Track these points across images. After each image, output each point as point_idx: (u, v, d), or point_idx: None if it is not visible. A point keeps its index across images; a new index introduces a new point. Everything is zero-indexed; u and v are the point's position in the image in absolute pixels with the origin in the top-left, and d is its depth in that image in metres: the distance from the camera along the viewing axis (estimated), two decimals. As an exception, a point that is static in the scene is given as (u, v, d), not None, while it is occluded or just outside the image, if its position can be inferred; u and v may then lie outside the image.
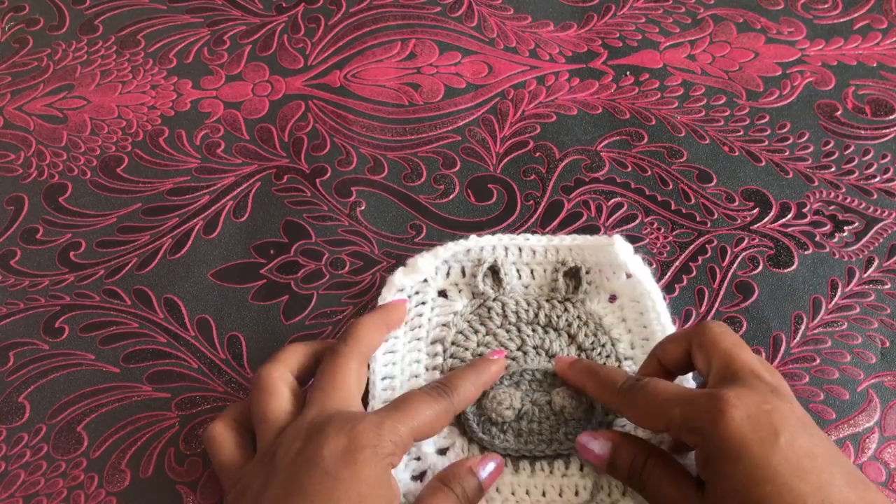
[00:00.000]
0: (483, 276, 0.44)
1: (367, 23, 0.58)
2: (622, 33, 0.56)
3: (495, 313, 0.43)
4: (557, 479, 0.39)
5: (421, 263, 0.43)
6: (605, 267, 0.44)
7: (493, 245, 0.44)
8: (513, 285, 0.44)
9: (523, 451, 0.39)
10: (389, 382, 0.41)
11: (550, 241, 0.44)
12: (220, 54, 0.56)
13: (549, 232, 0.48)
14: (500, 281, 0.44)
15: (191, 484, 0.41)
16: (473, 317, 0.43)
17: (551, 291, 0.44)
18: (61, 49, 0.57)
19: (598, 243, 0.44)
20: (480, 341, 0.42)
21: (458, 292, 0.44)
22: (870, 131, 0.51)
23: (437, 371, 0.42)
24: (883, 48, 0.55)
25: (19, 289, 0.47)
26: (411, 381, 0.41)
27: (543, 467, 0.39)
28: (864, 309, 0.45)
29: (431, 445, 0.39)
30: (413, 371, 0.42)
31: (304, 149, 0.52)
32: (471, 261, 0.44)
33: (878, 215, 0.48)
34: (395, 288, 0.43)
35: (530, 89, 0.54)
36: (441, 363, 0.42)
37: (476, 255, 0.44)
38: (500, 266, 0.44)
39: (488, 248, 0.44)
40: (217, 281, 0.47)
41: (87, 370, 0.44)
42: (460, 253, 0.44)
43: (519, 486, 0.39)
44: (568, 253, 0.44)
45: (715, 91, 0.53)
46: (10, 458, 0.42)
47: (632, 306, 0.43)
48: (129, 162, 0.52)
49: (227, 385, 0.43)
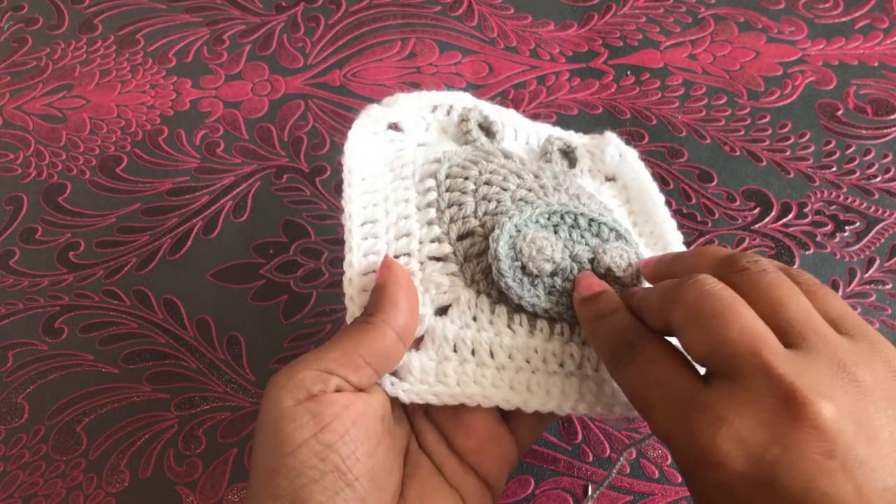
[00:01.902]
0: (476, 125, 0.37)
1: (367, 22, 0.58)
2: (623, 33, 0.56)
3: (499, 153, 0.36)
4: (576, 346, 0.32)
5: (403, 100, 0.37)
6: (598, 162, 0.40)
7: (483, 106, 0.38)
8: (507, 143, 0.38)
9: (552, 312, 0.32)
10: (371, 228, 0.33)
11: (534, 125, 0.40)
12: (219, 54, 0.56)
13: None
14: (492, 136, 0.38)
15: (190, 484, 0.41)
16: (472, 153, 0.36)
17: (545, 164, 0.38)
18: (60, 48, 0.57)
19: (591, 140, 0.41)
20: (484, 170, 0.34)
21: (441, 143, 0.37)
22: (871, 131, 0.51)
23: (431, 209, 0.33)
24: (884, 48, 0.55)
25: (18, 289, 0.47)
26: (400, 224, 0.33)
27: (563, 331, 0.32)
28: (865, 309, 0.45)
29: (428, 306, 0.32)
30: (402, 211, 0.33)
31: (304, 148, 0.52)
32: (455, 118, 0.38)
33: (880, 215, 0.48)
34: (369, 125, 0.36)
35: (531, 89, 0.54)
36: (436, 198, 0.34)
37: (463, 113, 0.38)
38: (491, 123, 0.38)
39: (478, 107, 0.38)
40: (216, 281, 0.47)
41: (87, 371, 0.44)
42: (443, 107, 0.38)
43: (535, 351, 0.32)
44: (559, 133, 0.40)
45: (716, 91, 0.53)
46: (9, 459, 0.42)
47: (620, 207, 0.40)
48: (128, 162, 0.52)
49: (226, 385, 0.43)
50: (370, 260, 0.32)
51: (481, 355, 0.31)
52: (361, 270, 0.32)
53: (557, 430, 0.42)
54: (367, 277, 0.32)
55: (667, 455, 0.41)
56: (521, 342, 0.32)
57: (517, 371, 0.31)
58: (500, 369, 0.31)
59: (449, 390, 0.30)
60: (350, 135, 0.35)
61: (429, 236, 0.33)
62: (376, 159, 0.35)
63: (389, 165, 0.35)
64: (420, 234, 0.33)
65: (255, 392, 0.43)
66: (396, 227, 0.33)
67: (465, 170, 0.34)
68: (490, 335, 0.32)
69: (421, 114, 0.38)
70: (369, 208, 0.33)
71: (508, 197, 0.33)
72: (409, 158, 0.35)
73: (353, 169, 0.34)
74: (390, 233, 0.33)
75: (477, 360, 0.31)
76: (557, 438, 0.42)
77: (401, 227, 0.33)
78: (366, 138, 0.35)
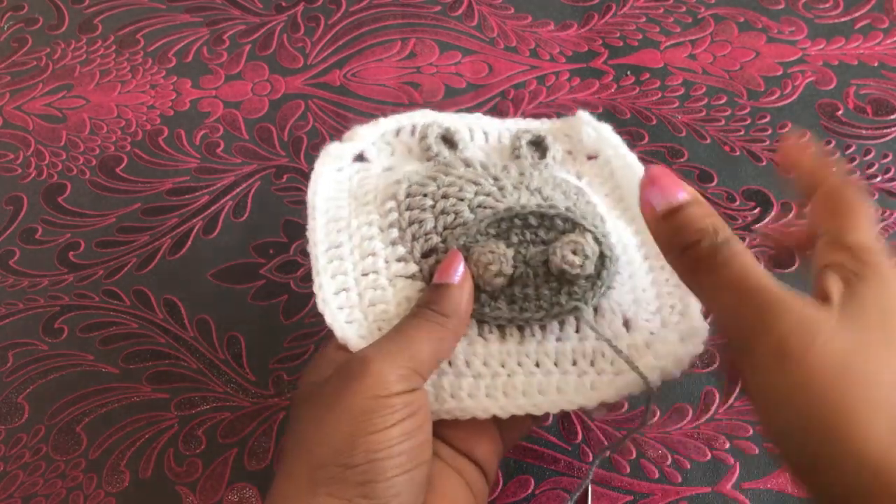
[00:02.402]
0: (435, 139, 0.37)
1: (367, 22, 0.58)
2: (623, 33, 0.56)
3: (459, 163, 0.36)
4: (551, 344, 0.32)
5: (361, 132, 0.37)
6: (574, 146, 0.39)
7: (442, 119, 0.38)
8: (471, 151, 0.37)
9: (518, 319, 0.32)
10: (336, 251, 0.34)
11: (505, 122, 0.39)
12: (219, 54, 0.56)
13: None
14: (454, 146, 0.37)
15: (190, 484, 0.41)
16: (432, 170, 0.36)
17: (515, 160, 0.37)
18: (60, 48, 0.57)
19: (563, 123, 0.39)
20: (443, 183, 0.34)
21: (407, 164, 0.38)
22: (871, 131, 0.51)
23: (393, 229, 0.34)
24: (884, 47, 0.55)
25: (18, 289, 0.47)
26: (364, 245, 0.34)
27: (535, 332, 0.32)
28: (865, 309, 0.45)
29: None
30: (365, 233, 0.34)
31: (304, 148, 0.52)
32: (419, 136, 0.38)
33: (880, 215, 0.48)
34: (330, 162, 0.36)
35: (531, 89, 0.54)
36: (397, 218, 0.34)
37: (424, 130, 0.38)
38: (454, 133, 0.37)
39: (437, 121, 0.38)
40: (216, 281, 0.47)
41: (87, 371, 0.44)
42: (406, 129, 0.38)
43: (508, 356, 0.32)
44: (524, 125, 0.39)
45: (716, 91, 0.53)
46: (9, 459, 0.42)
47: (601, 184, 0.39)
48: (128, 162, 0.52)
49: (226, 385, 0.43)
50: (339, 281, 0.33)
51: (458, 366, 0.32)
52: (333, 290, 0.33)
53: (557, 431, 0.42)
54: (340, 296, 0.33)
55: (667, 455, 0.41)
56: (493, 349, 0.32)
57: (493, 377, 0.32)
58: (477, 377, 0.32)
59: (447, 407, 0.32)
60: (312, 175, 0.36)
61: (394, 255, 0.34)
62: (339, 193, 0.36)
63: (353, 195, 0.36)
64: (385, 254, 0.34)
65: (255, 392, 0.43)
66: (361, 248, 0.34)
67: (424, 186, 0.34)
68: (464, 346, 0.32)
69: (385, 139, 0.38)
70: (332, 234, 0.34)
71: (466, 207, 0.34)
72: (371, 185, 0.36)
73: (317, 205, 0.35)
74: (355, 254, 0.34)
75: (454, 371, 0.32)
76: (557, 438, 0.42)
77: (365, 248, 0.34)
78: (328, 175, 0.36)
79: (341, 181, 0.37)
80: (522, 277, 0.32)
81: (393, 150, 0.38)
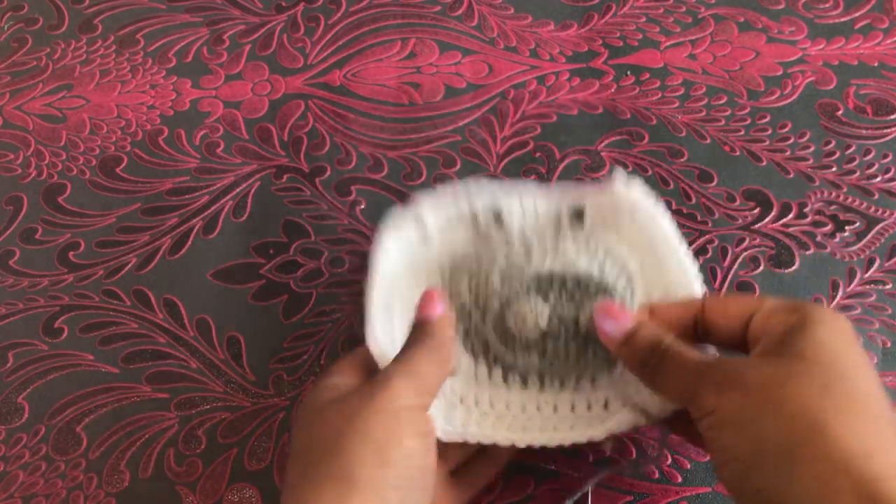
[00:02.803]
0: (485, 216, 0.41)
1: (367, 22, 0.58)
2: (623, 33, 0.56)
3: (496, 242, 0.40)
4: (568, 393, 0.37)
5: (425, 217, 0.40)
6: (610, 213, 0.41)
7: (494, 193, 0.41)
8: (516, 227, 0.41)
9: (546, 370, 0.37)
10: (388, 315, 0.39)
11: (551, 192, 0.42)
12: (219, 54, 0.56)
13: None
14: (501, 222, 0.41)
15: (190, 484, 0.41)
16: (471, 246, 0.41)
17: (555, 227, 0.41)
18: (60, 48, 0.57)
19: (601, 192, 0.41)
20: (481, 262, 0.39)
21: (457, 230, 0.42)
22: (871, 131, 0.51)
23: None
24: (884, 48, 0.55)
25: (18, 289, 0.47)
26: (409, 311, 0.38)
27: (555, 382, 0.37)
28: (865, 309, 0.45)
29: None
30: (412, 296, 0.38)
31: (304, 148, 0.52)
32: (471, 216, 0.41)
33: (880, 215, 0.48)
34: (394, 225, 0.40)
35: (530, 89, 0.54)
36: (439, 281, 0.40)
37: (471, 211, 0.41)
38: (501, 210, 0.41)
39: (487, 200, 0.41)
40: (216, 281, 0.47)
41: (87, 371, 0.44)
42: (463, 196, 0.41)
43: (529, 400, 0.37)
44: (569, 196, 0.42)
45: (716, 91, 0.53)
46: (9, 459, 0.42)
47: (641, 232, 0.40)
48: (128, 162, 0.52)
49: (226, 385, 0.43)
50: (387, 336, 0.38)
51: (483, 406, 0.37)
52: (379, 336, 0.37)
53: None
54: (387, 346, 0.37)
55: (667, 455, 0.41)
56: (515, 395, 0.37)
57: (513, 417, 0.36)
58: (499, 417, 0.36)
59: (455, 430, 0.35)
60: (379, 236, 0.40)
61: None
62: (397, 255, 0.40)
63: (408, 262, 0.40)
64: None
65: (255, 392, 0.43)
66: (407, 313, 0.38)
67: (465, 263, 0.39)
68: (489, 390, 0.37)
69: (443, 204, 0.42)
70: (386, 296, 0.39)
71: (497, 277, 0.38)
72: (424, 255, 0.41)
73: (378, 267, 0.39)
74: (403, 317, 0.38)
75: (480, 410, 0.36)
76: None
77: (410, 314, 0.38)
78: (391, 238, 0.40)
79: (401, 244, 0.40)
80: (555, 331, 0.36)
81: (449, 215, 0.42)
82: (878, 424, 0.28)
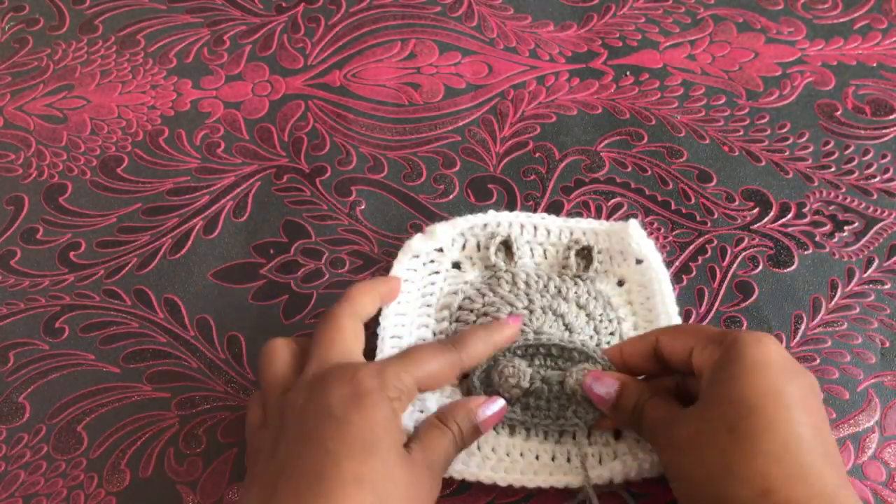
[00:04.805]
0: (495, 250, 0.44)
1: (367, 22, 0.58)
2: (622, 33, 0.56)
3: (504, 281, 0.43)
4: (550, 444, 0.40)
5: (439, 232, 0.44)
6: (616, 253, 0.44)
7: (509, 221, 0.45)
8: (524, 261, 0.45)
9: (528, 424, 0.40)
10: (398, 342, 0.42)
11: (566, 222, 0.45)
12: (220, 54, 0.56)
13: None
14: (511, 255, 0.45)
15: (190, 483, 0.41)
16: (483, 285, 0.44)
17: (562, 269, 0.44)
18: (61, 49, 0.57)
19: (612, 228, 0.44)
20: (486, 303, 0.43)
21: (471, 265, 0.45)
22: (870, 131, 0.51)
23: (443, 335, 0.43)
24: (883, 48, 0.55)
25: (19, 289, 0.47)
26: (417, 342, 0.43)
27: (538, 434, 0.40)
28: (863, 309, 0.45)
29: (435, 402, 0.40)
30: (420, 334, 0.43)
31: (304, 148, 0.52)
32: (486, 235, 0.45)
33: (878, 215, 0.48)
34: (410, 253, 0.44)
35: (530, 89, 0.54)
36: (447, 327, 0.43)
37: (492, 230, 0.45)
38: (513, 241, 0.45)
39: (504, 223, 0.45)
40: (217, 281, 0.47)
41: (87, 370, 0.44)
42: (477, 227, 0.45)
43: (514, 447, 0.40)
44: (581, 234, 0.45)
45: (715, 91, 0.53)
46: (10, 459, 0.42)
47: (639, 291, 0.44)
48: (128, 162, 0.52)
49: (226, 385, 0.43)
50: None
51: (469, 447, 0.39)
52: None
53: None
54: None
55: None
56: (503, 441, 0.40)
57: (498, 460, 0.39)
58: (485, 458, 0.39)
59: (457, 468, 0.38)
60: (395, 262, 0.44)
61: None
62: (410, 286, 0.44)
63: (422, 292, 0.44)
64: None
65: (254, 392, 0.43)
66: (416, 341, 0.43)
67: (472, 302, 0.43)
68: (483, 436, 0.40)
69: (458, 231, 0.45)
70: (398, 326, 0.42)
71: None
72: (437, 287, 0.44)
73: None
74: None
75: (467, 451, 0.39)
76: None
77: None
78: (405, 265, 0.44)
79: (414, 272, 0.44)
80: (537, 391, 0.39)
81: (465, 242, 0.45)
82: (782, 457, 0.30)
